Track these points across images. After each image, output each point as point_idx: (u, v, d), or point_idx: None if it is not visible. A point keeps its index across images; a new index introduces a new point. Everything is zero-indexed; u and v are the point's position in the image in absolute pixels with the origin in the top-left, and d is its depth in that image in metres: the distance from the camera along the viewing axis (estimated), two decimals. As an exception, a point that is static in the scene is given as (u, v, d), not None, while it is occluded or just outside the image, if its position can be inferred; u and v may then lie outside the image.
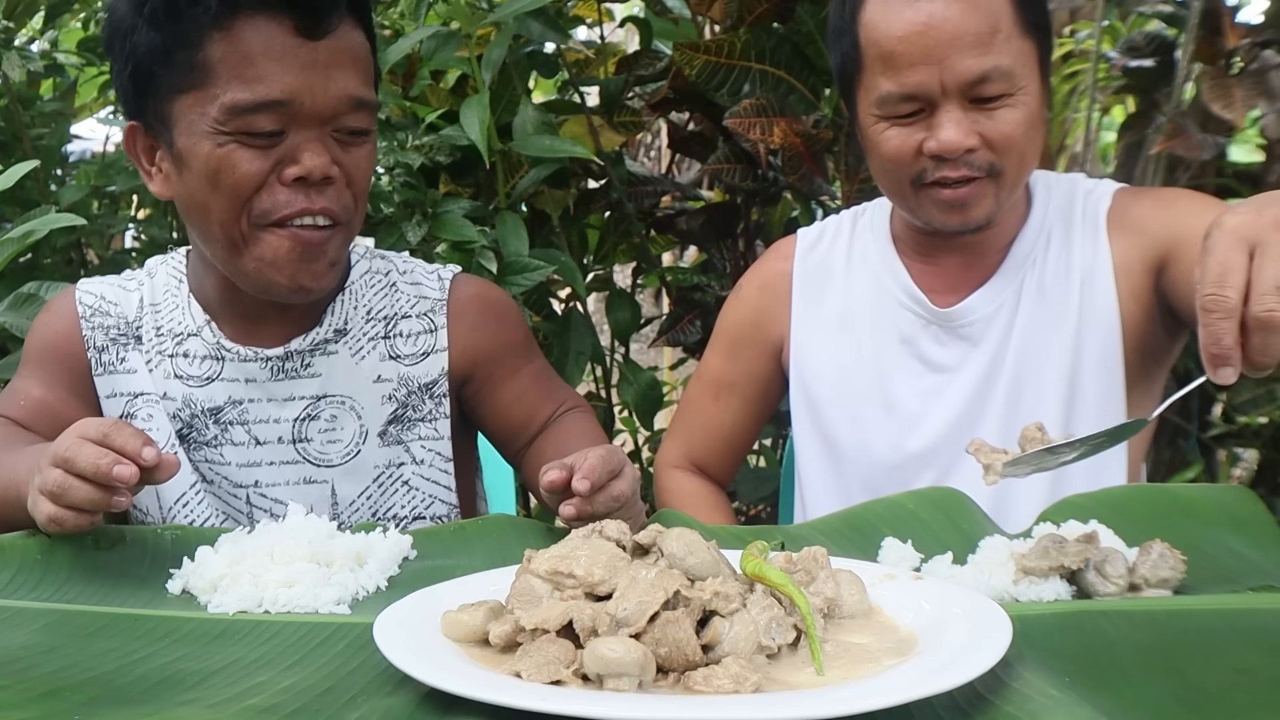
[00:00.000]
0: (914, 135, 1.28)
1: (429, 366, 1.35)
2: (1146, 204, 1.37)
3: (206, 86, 1.14)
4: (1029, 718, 0.65)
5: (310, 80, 1.14)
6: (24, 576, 0.95)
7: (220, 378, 1.30)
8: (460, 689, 0.65)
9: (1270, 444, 2.53)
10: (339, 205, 1.20)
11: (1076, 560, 0.89)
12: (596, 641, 0.68)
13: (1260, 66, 2.14)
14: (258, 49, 1.13)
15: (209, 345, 1.30)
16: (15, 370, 1.36)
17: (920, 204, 1.32)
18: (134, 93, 1.20)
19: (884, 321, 1.43)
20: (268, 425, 1.31)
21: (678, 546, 0.77)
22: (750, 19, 2.02)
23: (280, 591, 0.88)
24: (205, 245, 1.25)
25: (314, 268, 1.20)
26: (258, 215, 1.17)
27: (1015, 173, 1.30)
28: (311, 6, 1.13)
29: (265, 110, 1.13)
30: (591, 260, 2.41)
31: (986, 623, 0.74)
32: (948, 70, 1.24)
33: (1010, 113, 1.26)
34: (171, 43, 1.14)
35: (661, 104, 2.25)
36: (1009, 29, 1.25)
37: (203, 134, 1.15)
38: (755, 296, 1.53)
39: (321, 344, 1.31)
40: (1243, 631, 0.82)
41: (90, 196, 2.57)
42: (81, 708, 0.68)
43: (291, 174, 1.16)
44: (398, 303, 1.36)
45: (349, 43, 1.18)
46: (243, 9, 1.12)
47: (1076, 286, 1.35)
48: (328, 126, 1.17)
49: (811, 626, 0.71)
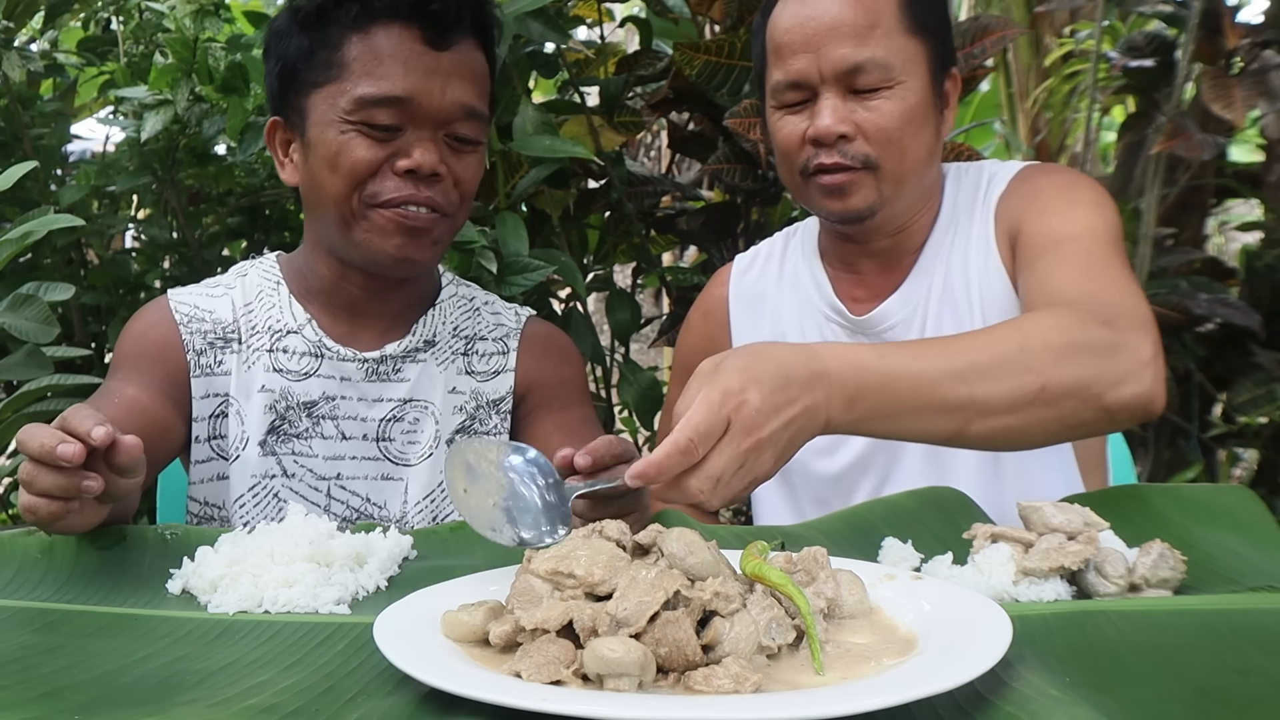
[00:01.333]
0: (799, 124, 1.35)
1: (498, 385, 1.46)
2: (1016, 193, 1.37)
3: (340, 81, 1.29)
4: (1029, 718, 0.65)
5: (430, 84, 1.29)
6: (24, 576, 0.95)
7: (317, 374, 1.39)
8: (460, 689, 0.65)
9: (1270, 444, 2.53)
10: (444, 199, 1.32)
11: (1076, 560, 0.89)
12: (596, 642, 0.68)
13: (1260, 66, 2.14)
14: (387, 51, 1.28)
15: (309, 343, 1.39)
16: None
17: (809, 193, 1.37)
18: (280, 89, 1.36)
19: (813, 334, 1.47)
20: (355, 422, 1.39)
21: (678, 546, 0.77)
22: (750, 19, 2.02)
23: (280, 591, 0.88)
24: (320, 225, 1.37)
25: (418, 243, 1.32)
26: (367, 196, 1.30)
27: (895, 166, 1.33)
28: (437, 20, 1.29)
29: (387, 105, 1.28)
30: (591, 260, 2.41)
31: (986, 623, 0.74)
32: (824, 58, 1.31)
33: (887, 104, 1.31)
34: (316, 44, 1.31)
35: (661, 104, 2.25)
36: (890, 25, 1.31)
37: (330, 123, 1.30)
38: (700, 325, 1.59)
39: (412, 352, 1.42)
40: (1243, 631, 0.82)
41: (90, 197, 2.58)
42: (81, 708, 0.68)
43: (403, 165, 1.29)
44: (478, 325, 1.48)
45: (469, 59, 1.33)
46: (379, 17, 1.29)
47: (975, 277, 1.37)
48: (441, 130, 1.31)
49: (811, 626, 0.71)
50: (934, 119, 1.37)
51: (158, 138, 2.31)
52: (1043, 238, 1.28)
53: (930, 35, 1.35)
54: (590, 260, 2.41)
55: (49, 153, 2.55)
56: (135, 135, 2.34)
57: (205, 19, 2.29)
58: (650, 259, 2.42)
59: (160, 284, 2.67)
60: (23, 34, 2.54)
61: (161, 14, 2.51)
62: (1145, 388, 1.05)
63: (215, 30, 2.31)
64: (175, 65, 2.27)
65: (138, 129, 2.29)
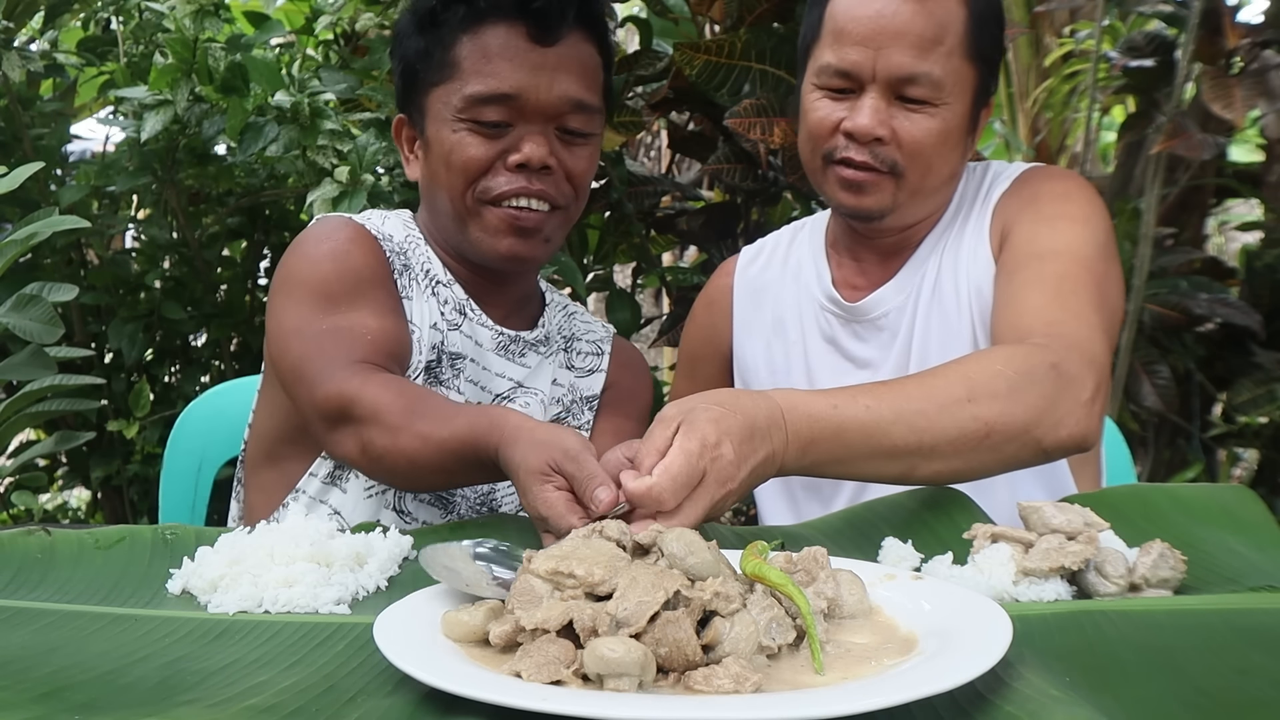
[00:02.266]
0: (836, 111, 1.34)
1: (592, 383, 1.52)
2: (1012, 198, 1.38)
3: (453, 80, 1.32)
4: (1029, 718, 0.65)
5: (537, 80, 1.30)
6: (24, 576, 0.95)
7: (459, 330, 1.40)
8: (460, 689, 0.65)
9: (1270, 444, 2.53)
10: (557, 191, 1.34)
11: (1077, 560, 0.89)
12: (597, 641, 0.68)
13: (1260, 66, 2.14)
14: (495, 50, 1.31)
15: (457, 299, 1.41)
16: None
17: (826, 179, 1.38)
18: (403, 88, 1.40)
19: (809, 323, 1.49)
20: (475, 388, 1.41)
21: (678, 546, 0.77)
22: (750, 19, 2.02)
23: (280, 591, 0.88)
24: (437, 220, 1.40)
25: (529, 242, 1.35)
26: (480, 192, 1.33)
27: (918, 179, 1.34)
28: (543, 17, 1.30)
29: (495, 102, 1.30)
30: (592, 260, 2.42)
31: (986, 623, 0.74)
32: (882, 59, 1.30)
33: (927, 120, 1.31)
34: (431, 44, 1.34)
35: (662, 104, 2.25)
36: (953, 45, 1.31)
37: (444, 121, 1.33)
38: (703, 315, 1.61)
39: (537, 343, 1.47)
40: (1243, 631, 0.82)
41: (90, 197, 2.58)
42: (81, 708, 0.68)
43: (514, 160, 1.31)
44: (574, 328, 1.54)
45: (578, 52, 1.34)
46: (487, 17, 1.31)
47: (965, 269, 1.38)
48: (551, 124, 1.33)
49: (812, 626, 0.71)
50: (965, 143, 1.38)
51: (158, 138, 2.31)
52: (1026, 247, 1.30)
53: (984, 64, 1.35)
54: (590, 260, 2.41)
55: (49, 153, 2.55)
56: (135, 135, 2.34)
57: (205, 19, 2.29)
58: (650, 259, 2.42)
59: (160, 284, 2.68)
60: (23, 34, 2.54)
61: (161, 14, 2.51)
62: (1080, 429, 1.11)
63: (215, 30, 2.31)
64: (175, 65, 2.27)
65: (138, 129, 2.29)
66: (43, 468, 2.75)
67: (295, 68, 2.51)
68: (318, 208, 2.04)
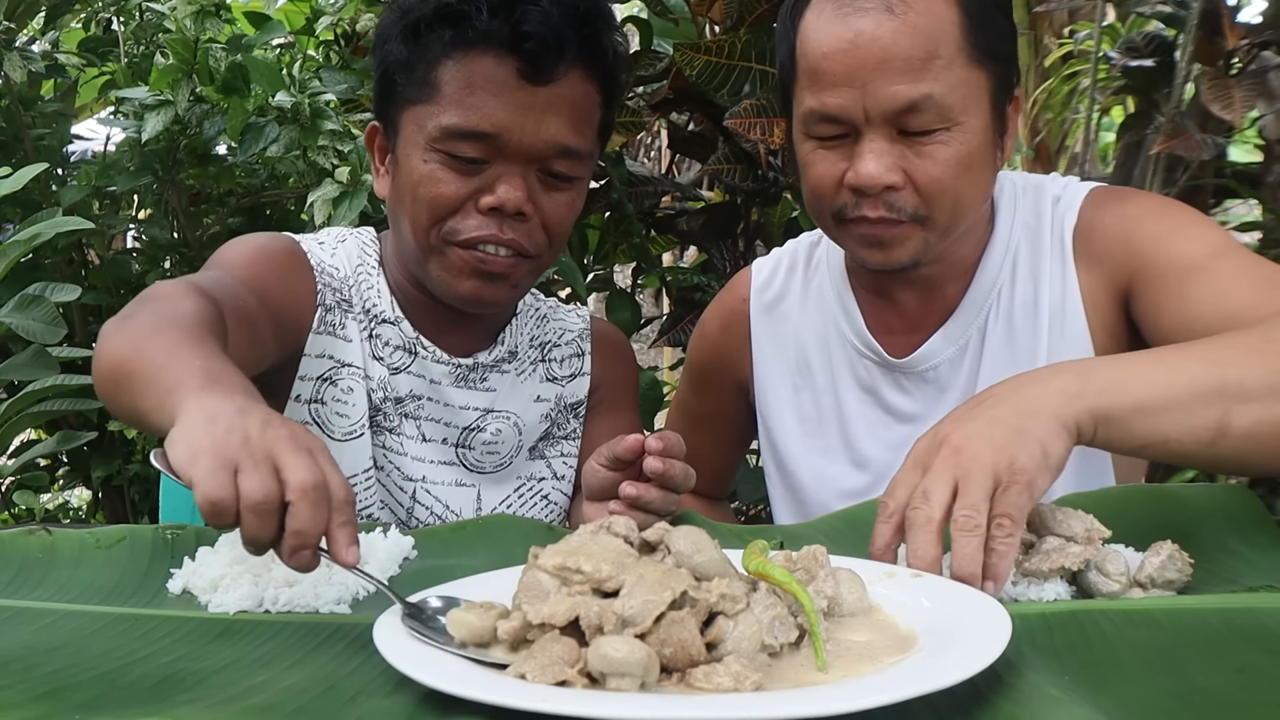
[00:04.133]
0: (838, 164, 1.17)
1: (576, 388, 1.45)
2: (1111, 225, 1.23)
3: (431, 103, 1.21)
4: (1029, 716, 0.65)
5: (522, 120, 1.19)
6: (25, 576, 0.95)
7: (408, 370, 1.33)
8: (460, 689, 0.65)
9: (1270, 444, 2.51)
10: (529, 241, 1.24)
11: (1077, 561, 0.88)
12: (601, 640, 0.68)
13: (1259, 67, 2.14)
14: (480, 82, 1.19)
15: (405, 338, 1.33)
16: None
17: (843, 237, 1.22)
18: (380, 95, 1.29)
19: (842, 369, 1.34)
20: (437, 425, 1.35)
21: (685, 544, 0.77)
22: (751, 19, 2.02)
23: (281, 591, 0.88)
24: (400, 243, 1.31)
25: (493, 287, 1.25)
26: (447, 232, 1.23)
27: (948, 218, 1.17)
28: (535, 55, 1.18)
29: (472, 139, 1.19)
30: (592, 260, 2.42)
31: (986, 621, 0.74)
32: (870, 95, 1.11)
33: (943, 150, 1.13)
34: (414, 57, 1.22)
35: (662, 104, 2.25)
36: (951, 55, 1.12)
37: (417, 146, 1.22)
38: (717, 337, 1.47)
39: (499, 362, 1.38)
40: (1243, 631, 0.82)
41: (91, 197, 2.58)
42: (82, 708, 0.68)
43: (487, 203, 1.21)
44: (548, 333, 1.45)
45: (573, 92, 1.22)
46: (475, 45, 1.19)
47: (1045, 321, 1.24)
48: (533, 165, 1.22)
49: (815, 624, 0.71)
50: (993, 156, 1.20)
51: (158, 138, 2.31)
52: (1175, 268, 1.15)
53: (995, 63, 1.17)
54: (590, 260, 2.41)
55: (50, 153, 2.55)
56: (136, 136, 2.34)
57: (206, 20, 2.30)
58: (650, 259, 2.42)
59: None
60: (24, 34, 2.54)
61: (162, 15, 2.51)
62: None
63: (216, 31, 2.32)
64: (176, 66, 2.28)
65: (138, 129, 2.30)
66: (44, 467, 2.76)
67: (296, 68, 2.51)
68: (318, 208, 2.04)
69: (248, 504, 0.75)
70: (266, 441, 0.78)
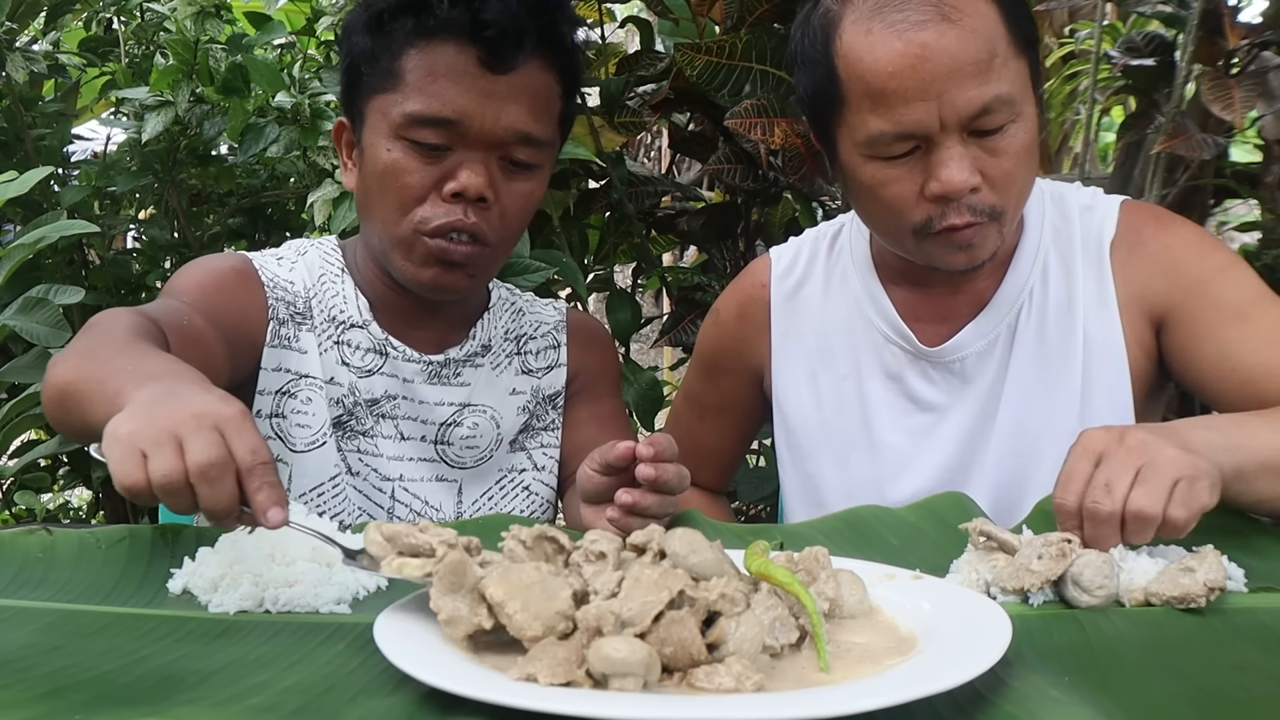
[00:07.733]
0: (913, 178, 1.17)
1: (553, 379, 1.46)
2: (1154, 251, 1.27)
3: (395, 92, 1.24)
4: (1029, 717, 0.65)
5: (483, 107, 1.22)
6: (25, 576, 0.95)
7: (380, 371, 1.35)
8: (460, 689, 0.65)
9: (1271, 444, 2.51)
10: (488, 226, 1.26)
11: (1035, 583, 0.86)
12: (601, 641, 0.68)
13: (1259, 67, 2.14)
14: (442, 70, 1.22)
15: (374, 339, 1.35)
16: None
17: (926, 248, 1.22)
18: (347, 88, 1.32)
19: (867, 356, 1.35)
20: (414, 424, 1.37)
21: (680, 545, 0.77)
22: (751, 19, 2.02)
23: (281, 591, 0.88)
24: (370, 234, 1.33)
25: (453, 275, 1.28)
26: (418, 223, 1.25)
27: (1015, 208, 1.22)
28: (495, 43, 1.21)
29: (434, 125, 1.22)
30: (592, 260, 2.41)
31: (986, 622, 0.74)
32: (947, 105, 1.12)
33: (1011, 143, 1.16)
34: (378, 48, 1.26)
35: (662, 104, 2.25)
36: (1005, 51, 1.15)
37: (381, 134, 1.25)
38: (734, 325, 1.47)
39: (471, 356, 1.40)
40: (1242, 630, 0.82)
41: (91, 197, 2.58)
42: (82, 707, 0.68)
43: (450, 189, 1.24)
44: (523, 325, 1.47)
45: (532, 81, 1.26)
46: (438, 34, 1.22)
47: (1080, 326, 1.26)
48: (494, 152, 1.25)
49: (818, 625, 0.71)
50: (1039, 139, 1.22)
51: (159, 138, 2.32)
52: (1218, 311, 1.22)
53: (1031, 49, 1.20)
54: (591, 260, 2.41)
55: (51, 153, 2.55)
56: (136, 136, 2.35)
57: (206, 20, 2.30)
58: (650, 259, 2.42)
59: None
60: (25, 34, 2.55)
61: (163, 15, 2.51)
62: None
63: (216, 31, 2.32)
64: (176, 66, 2.28)
65: (139, 130, 2.30)
66: (45, 468, 2.76)
67: (296, 69, 2.51)
68: (318, 208, 2.04)
69: (157, 486, 0.82)
70: (172, 423, 0.84)
